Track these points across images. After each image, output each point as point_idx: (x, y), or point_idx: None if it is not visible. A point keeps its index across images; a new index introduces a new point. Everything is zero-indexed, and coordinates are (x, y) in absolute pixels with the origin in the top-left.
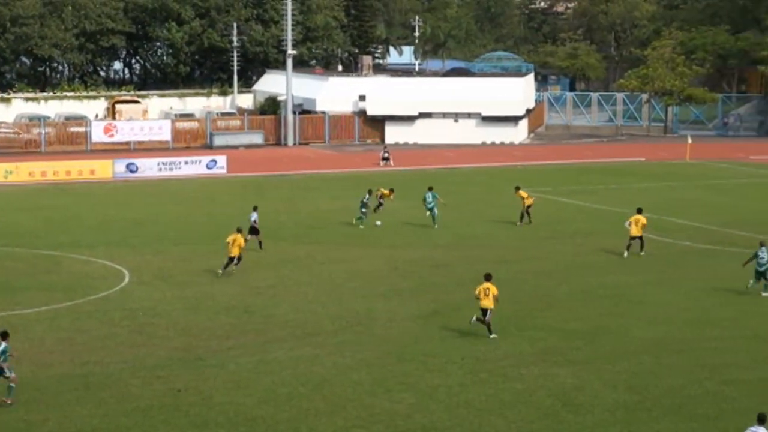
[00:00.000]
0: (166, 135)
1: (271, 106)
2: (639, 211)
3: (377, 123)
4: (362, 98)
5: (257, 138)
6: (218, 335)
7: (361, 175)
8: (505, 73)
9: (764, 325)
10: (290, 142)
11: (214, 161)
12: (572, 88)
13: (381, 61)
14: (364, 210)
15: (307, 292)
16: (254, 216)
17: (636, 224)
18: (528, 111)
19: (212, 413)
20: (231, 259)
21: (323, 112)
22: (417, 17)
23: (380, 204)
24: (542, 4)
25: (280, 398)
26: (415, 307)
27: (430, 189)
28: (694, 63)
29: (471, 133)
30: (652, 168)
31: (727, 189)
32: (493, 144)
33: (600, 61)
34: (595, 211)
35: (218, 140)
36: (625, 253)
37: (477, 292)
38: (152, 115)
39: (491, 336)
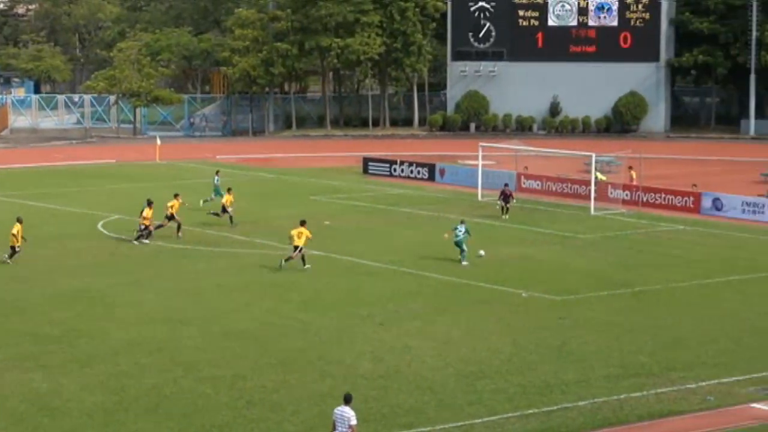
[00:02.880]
0: None
1: None
2: (302, 224)
3: None
4: None
5: None
6: None
7: None
8: None
9: (235, 323)
10: None
11: None
12: (37, 91)
13: None
14: None
15: None
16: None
17: (299, 237)
18: None
19: None
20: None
21: None
22: None
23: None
24: (1, 5)
25: None
26: None
27: None
28: (160, 64)
29: None
30: (124, 169)
31: (196, 188)
32: None
33: (66, 62)
34: (67, 214)
35: None
36: (283, 262)
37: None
38: None
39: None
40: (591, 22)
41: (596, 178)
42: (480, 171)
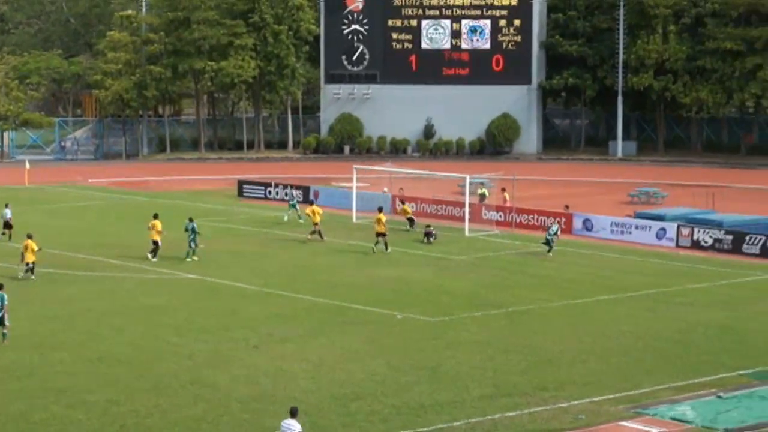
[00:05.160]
0: None
1: None
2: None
3: None
4: None
5: None
6: None
7: None
8: None
9: (108, 348)
10: None
11: None
12: None
13: None
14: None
15: None
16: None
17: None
18: None
19: None
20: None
21: None
22: None
23: None
24: None
25: None
26: None
27: None
28: (29, 87)
29: None
30: None
31: (67, 212)
32: None
33: None
34: None
35: None
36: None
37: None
38: None
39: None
40: (464, 45)
41: (482, 193)
42: (354, 193)
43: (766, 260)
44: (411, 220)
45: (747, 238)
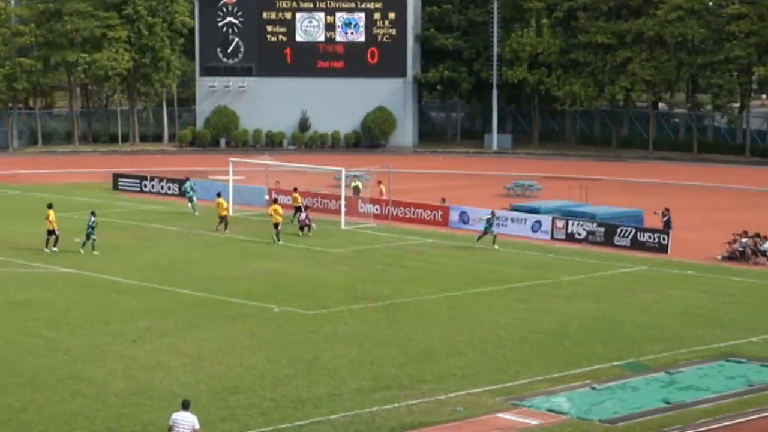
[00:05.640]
0: None
1: None
2: None
3: None
4: None
5: None
6: None
7: None
8: None
9: None
10: None
11: None
12: None
13: None
14: None
15: None
16: None
17: None
18: None
19: None
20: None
21: None
22: None
23: None
24: None
25: None
26: None
27: None
28: None
29: None
30: None
31: None
32: None
33: None
34: None
35: None
36: None
37: None
38: None
39: None
40: (339, 38)
41: (356, 186)
42: (231, 186)
43: (637, 252)
44: (299, 209)
45: (618, 230)
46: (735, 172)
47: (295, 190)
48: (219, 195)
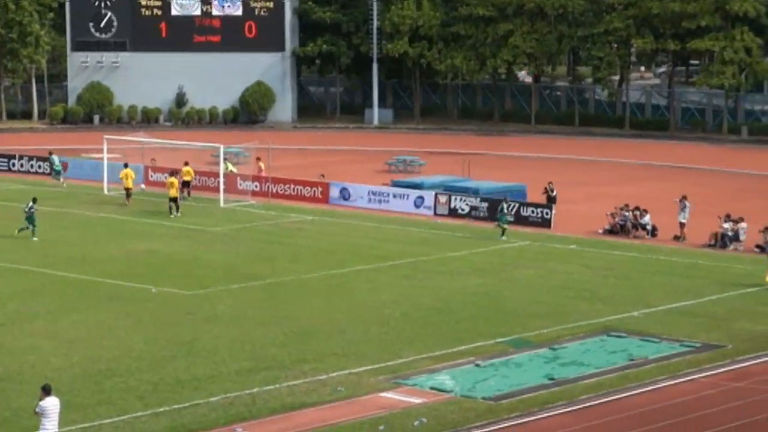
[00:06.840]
0: None
1: None
2: None
3: None
4: None
5: None
6: None
7: None
8: None
9: None
10: None
11: None
12: None
13: None
14: None
15: None
16: None
17: None
18: None
19: None
20: None
21: None
22: None
23: None
24: None
25: None
26: None
27: None
28: None
29: None
30: None
31: None
32: None
33: None
34: None
35: None
36: None
37: None
38: None
39: None
40: (215, 12)
41: (227, 169)
42: (105, 164)
43: (520, 227)
44: (186, 184)
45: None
46: (615, 145)
47: (186, 164)
48: (126, 165)
